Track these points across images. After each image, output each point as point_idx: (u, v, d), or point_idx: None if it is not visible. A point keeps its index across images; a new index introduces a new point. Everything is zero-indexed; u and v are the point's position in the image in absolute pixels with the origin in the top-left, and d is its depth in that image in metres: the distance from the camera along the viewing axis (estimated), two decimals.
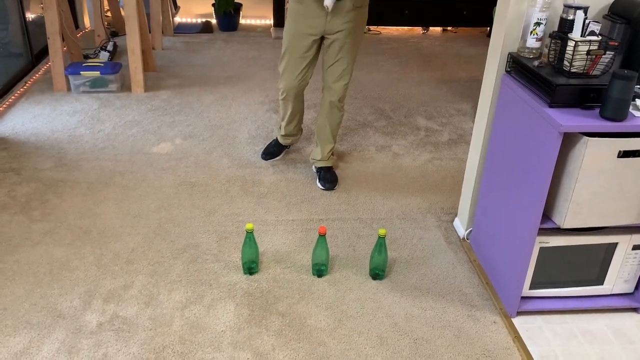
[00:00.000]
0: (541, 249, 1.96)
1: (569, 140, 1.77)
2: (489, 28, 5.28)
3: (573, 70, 1.83)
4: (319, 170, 2.85)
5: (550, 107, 1.79)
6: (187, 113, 3.50)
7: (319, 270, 2.18)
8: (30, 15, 4.20)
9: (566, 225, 1.85)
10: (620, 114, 1.70)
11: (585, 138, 1.70)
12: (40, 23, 4.10)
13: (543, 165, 1.79)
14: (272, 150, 3.04)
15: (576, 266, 2.02)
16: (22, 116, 3.37)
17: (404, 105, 3.75)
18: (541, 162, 1.80)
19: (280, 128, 2.99)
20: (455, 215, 2.60)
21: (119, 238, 2.34)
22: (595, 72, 1.84)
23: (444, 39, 5.25)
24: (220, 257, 2.25)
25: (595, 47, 1.80)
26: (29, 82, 3.85)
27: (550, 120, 1.73)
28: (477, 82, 4.14)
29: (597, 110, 1.77)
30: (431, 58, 4.70)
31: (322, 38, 2.57)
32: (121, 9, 4.62)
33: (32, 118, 3.36)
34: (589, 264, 2.02)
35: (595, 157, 1.73)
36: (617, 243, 1.97)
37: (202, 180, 2.79)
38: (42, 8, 3.56)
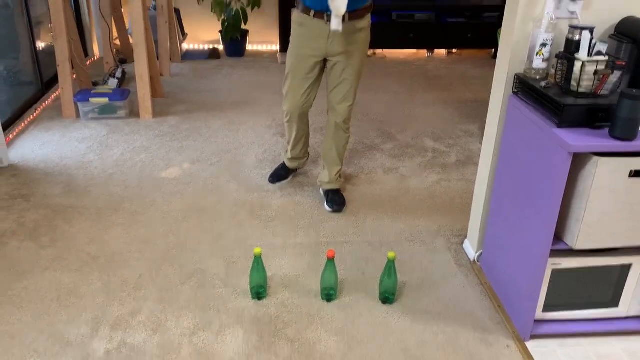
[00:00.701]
0: (553, 271, 1.93)
1: (578, 161, 1.76)
2: (493, 49, 5.31)
3: (581, 90, 1.83)
4: (327, 192, 2.84)
5: (559, 127, 1.79)
6: (195, 138, 3.52)
7: (328, 295, 2.16)
8: (40, 44, 4.27)
9: (578, 246, 1.83)
10: (631, 134, 1.69)
11: (596, 158, 1.69)
12: (50, 51, 4.16)
13: (553, 186, 1.77)
14: (280, 174, 3.04)
15: (590, 288, 1.99)
16: (32, 143, 3.40)
17: (410, 127, 3.76)
18: (551, 183, 1.79)
19: (287, 151, 2.99)
20: (465, 237, 2.58)
21: (127, 264, 2.33)
22: (603, 92, 1.83)
23: (449, 62, 5.28)
24: (228, 282, 2.24)
25: (603, 67, 1.80)
26: (39, 109, 3.89)
27: (559, 140, 1.72)
28: (483, 103, 4.15)
29: (607, 130, 1.76)
30: (437, 80, 4.72)
31: (326, 60, 2.59)
32: (130, 36, 4.69)
33: (42, 145, 3.38)
34: (602, 286, 1.99)
35: (606, 177, 1.71)
36: (631, 264, 1.94)
37: (210, 205, 2.79)
38: (53, 36, 3.62)
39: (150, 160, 3.22)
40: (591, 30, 1.91)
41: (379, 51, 5.41)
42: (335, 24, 2.31)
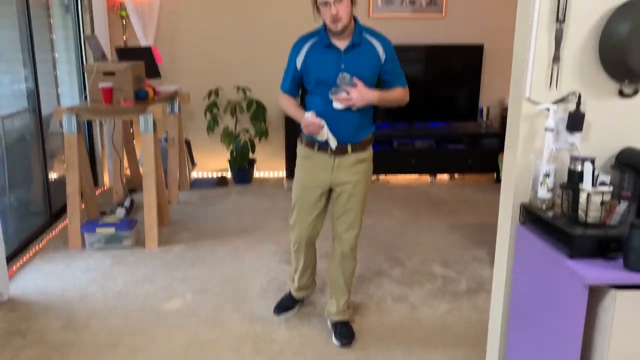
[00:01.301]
0: None
1: (596, 293, 1.69)
2: (495, 174, 5.41)
3: (589, 220, 1.82)
4: (335, 324, 2.73)
5: (571, 258, 1.75)
6: (199, 267, 3.48)
7: None
8: (53, 174, 4.39)
9: None
10: None
11: (614, 291, 1.63)
12: (61, 182, 4.27)
13: (572, 320, 1.69)
14: (286, 304, 2.95)
15: None
16: (35, 275, 3.36)
17: (418, 252, 3.71)
18: (569, 316, 1.71)
19: (293, 281, 2.93)
20: None
21: None
22: (612, 222, 1.82)
23: (452, 186, 5.37)
24: None
25: (609, 198, 1.80)
26: (45, 240, 3.90)
27: (574, 272, 1.68)
28: (489, 228, 4.12)
29: (621, 261, 1.72)
30: (441, 205, 4.76)
31: (331, 189, 2.62)
32: (140, 166, 4.83)
33: (44, 276, 3.34)
34: None
35: (627, 310, 1.64)
36: None
37: (213, 339, 2.67)
38: (65, 168, 3.73)
39: (153, 292, 3.15)
40: (592, 161, 1.95)
41: (382, 177, 5.52)
42: (332, 144, 2.47)
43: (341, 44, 2.43)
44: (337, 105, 2.41)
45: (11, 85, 3.95)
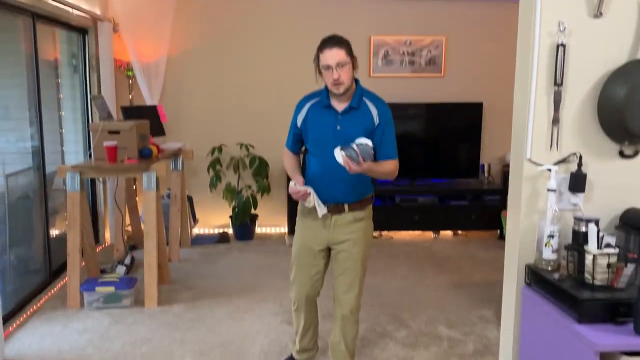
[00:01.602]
0: None
1: (606, 358, 1.64)
2: (499, 230, 5.38)
3: (596, 283, 1.79)
4: None
5: (580, 323, 1.71)
6: (198, 328, 3.40)
7: None
8: (54, 231, 4.37)
9: None
10: None
11: (625, 358, 1.58)
12: (62, 239, 4.24)
13: None
14: None
15: None
16: (31, 336, 3.29)
17: (423, 312, 3.64)
18: None
19: (294, 342, 2.86)
20: None
21: None
22: (620, 285, 1.79)
23: (455, 242, 5.33)
24: None
25: (615, 260, 1.78)
26: (43, 299, 3.84)
27: (583, 338, 1.63)
28: (494, 286, 4.07)
29: (631, 325, 1.68)
30: (445, 262, 4.71)
31: (330, 248, 2.60)
32: (142, 223, 4.82)
33: (41, 338, 3.26)
34: None
35: None
36: None
37: None
38: (67, 225, 3.72)
39: (150, 354, 3.07)
40: (597, 222, 1.94)
41: (385, 233, 5.49)
42: (320, 211, 2.47)
43: (340, 105, 2.46)
44: (338, 157, 2.32)
45: (17, 143, 4.00)
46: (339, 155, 2.31)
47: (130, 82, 5.30)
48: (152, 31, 5.14)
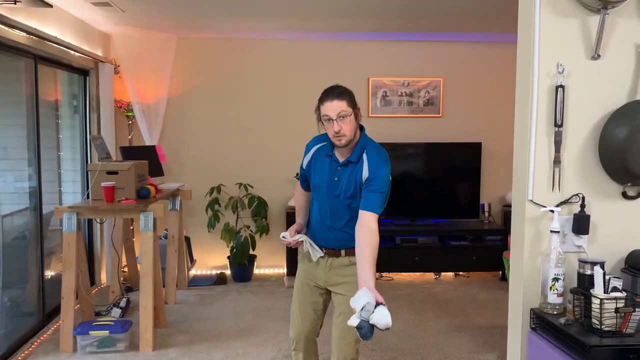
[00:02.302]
0: None
1: None
2: (501, 272, 5.30)
3: (604, 328, 1.73)
4: None
5: None
6: None
7: None
8: (49, 273, 4.30)
9: None
10: None
11: None
12: (57, 280, 4.17)
13: None
14: None
15: None
16: None
17: (425, 357, 3.54)
18: None
19: None
20: None
21: None
22: (629, 330, 1.74)
23: (457, 284, 5.24)
24: None
25: (622, 305, 1.73)
26: (36, 343, 3.74)
27: None
28: (498, 329, 3.98)
29: None
30: (447, 304, 4.62)
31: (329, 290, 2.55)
32: (138, 264, 4.75)
33: None
34: None
35: None
36: None
37: None
38: (62, 266, 3.65)
39: None
40: (602, 264, 1.90)
41: (385, 274, 5.41)
42: (313, 255, 2.46)
43: (341, 157, 2.42)
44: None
45: (15, 183, 3.98)
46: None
47: (130, 122, 5.32)
48: (152, 72, 5.20)
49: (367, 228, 2.26)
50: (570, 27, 2.03)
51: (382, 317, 1.95)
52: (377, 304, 2.01)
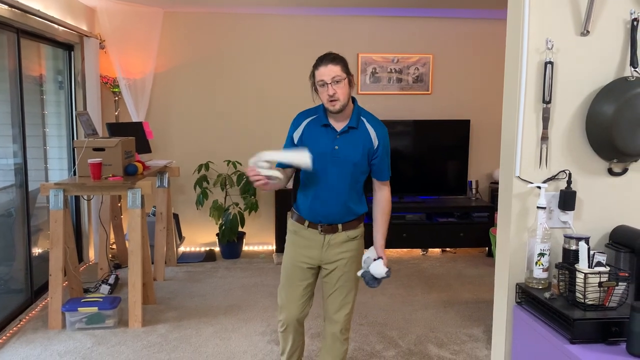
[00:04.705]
0: None
1: None
2: (487, 248, 5.37)
3: (588, 302, 1.76)
4: None
5: (572, 343, 1.68)
6: (184, 349, 3.33)
7: None
8: (36, 250, 4.28)
9: None
10: None
11: None
12: (44, 257, 4.15)
13: None
14: None
15: None
16: (11, 358, 3.19)
17: (412, 331, 3.59)
18: None
19: None
20: None
21: None
22: (611, 304, 1.77)
23: (444, 260, 5.30)
24: None
25: (606, 279, 1.76)
26: (24, 320, 3.74)
27: (576, 359, 1.60)
28: (484, 304, 4.04)
29: (623, 346, 1.66)
30: (434, 279, 4.68)
31: (320, 267, 2.56)
32: (126, 241, 4.74)
33: None
34: None
35: None
36: None
37: None
38: (50, 243, 3.64)
39: None
40: (587, 240, 1.92)
41: None
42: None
43: (338, 125, 2.42)
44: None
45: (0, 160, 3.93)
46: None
47: (117, 98, 5.26)
48: (139, 48, 5.12)
49: (386, 201, 2.56)
50: (560, 3, 2.02)
51: (376, 268, 2.35)
52: (378, 257, 2.41)
